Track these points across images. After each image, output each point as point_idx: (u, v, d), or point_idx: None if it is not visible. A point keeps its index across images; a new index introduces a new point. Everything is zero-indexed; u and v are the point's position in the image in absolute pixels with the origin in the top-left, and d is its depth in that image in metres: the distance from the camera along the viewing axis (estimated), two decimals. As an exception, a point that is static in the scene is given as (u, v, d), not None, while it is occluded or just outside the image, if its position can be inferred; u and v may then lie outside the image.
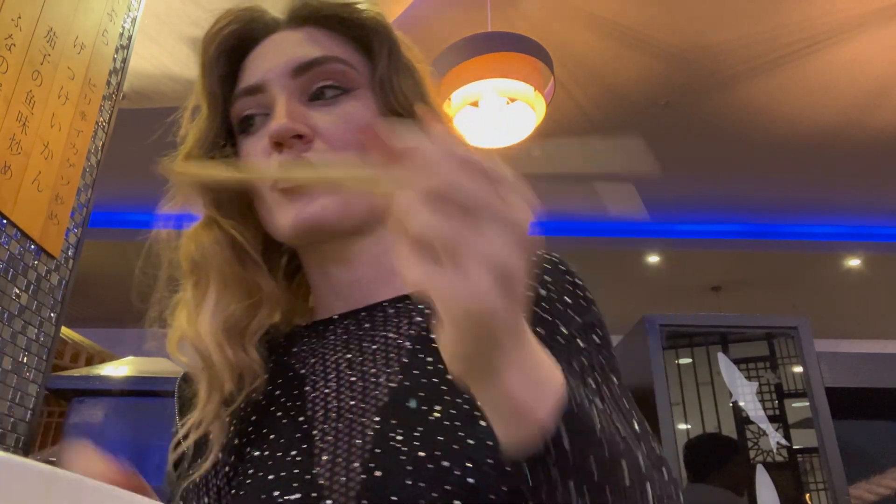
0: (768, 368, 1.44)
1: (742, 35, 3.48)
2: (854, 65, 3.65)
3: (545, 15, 3.38)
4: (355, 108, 0.59)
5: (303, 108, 0.59)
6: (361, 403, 0.53)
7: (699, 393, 1.42)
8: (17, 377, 1.47)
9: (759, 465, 1.36)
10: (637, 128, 4.25)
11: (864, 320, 6.63)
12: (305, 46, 0.60)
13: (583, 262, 3.69)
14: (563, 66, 3.60)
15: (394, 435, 0.49)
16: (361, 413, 0.52)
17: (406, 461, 0.47)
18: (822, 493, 1.32)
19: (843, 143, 4.32)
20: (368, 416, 0.51)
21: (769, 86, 3.84)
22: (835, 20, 3.35)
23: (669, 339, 1.46)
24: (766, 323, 1.47)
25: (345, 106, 0.59)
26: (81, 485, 0.25)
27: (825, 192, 4.97)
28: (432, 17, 3.38)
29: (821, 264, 5.70)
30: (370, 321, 0.59)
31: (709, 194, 5.05)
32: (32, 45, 1.49)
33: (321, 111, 0.59)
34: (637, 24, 3.42)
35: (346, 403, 0.53)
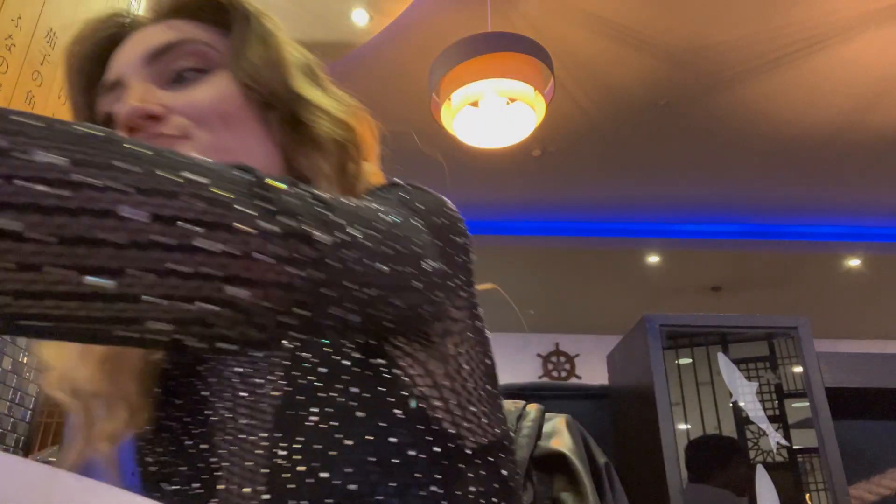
0: (768, 368, 1.44)
1: (742, 35, 3.48)
2: (854, 65, 3.65)
3: (545, 15, 3.38)
4: (214, 86, 0.57)
5: (155, 89, 0.57)
6: (252, 420, 0.51)
7: (699, 393, 1.42)
8: (17, 377, 1.47)
9: (759, 465, 1.36)
10: (637, 128, 4.25)
11: (864, 320, 6.64)
12: (161, 34, 0.59)
13: (583, 262, 3.72)
14: (563, 66, 3.60)
15: (277, 451, 0.48)
16: (251, 431, 0.51)
17: (289, 479, 0.46)
18: (822, 493, 1.32)
19: (843, 143, 4.32)
20: (257, 433, 0.50)
21: (769, 86, 3.84)
22: (835, 20, 3.36)
23: (669, 339, 1.45)
24: (766, 323, 1.47)
25: (203, 85, 0.57)
26: (81, 485, 0.25)
27: (825, 192, 4.97)
28: (432, 17, 3.38)
29: (821, 264, 5.71)
30: None
31: (709, 194, 5.05)
32: (32, 46, 1.49)
33: (180, 92, 0.57)
34: (637, 24, 3.42)
35: (239, 423, 0.52)
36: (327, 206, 0.40)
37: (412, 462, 0.47)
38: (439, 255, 0.50)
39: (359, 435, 0.46)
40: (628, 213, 5.29)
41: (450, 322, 0.52)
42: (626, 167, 4.70)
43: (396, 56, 3.63)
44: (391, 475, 0.46)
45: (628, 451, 1.52)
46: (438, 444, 0.49)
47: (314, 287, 0.37)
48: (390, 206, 0.49)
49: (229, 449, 0.52)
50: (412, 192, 0.54)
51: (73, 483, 0.25)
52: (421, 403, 0.49)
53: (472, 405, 0.52)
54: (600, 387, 1.68)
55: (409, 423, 0.48)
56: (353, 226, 0.40)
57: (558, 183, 4.90)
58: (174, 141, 0.55)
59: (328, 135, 0.59)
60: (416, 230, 0.48)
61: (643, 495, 1.40)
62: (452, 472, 0.49)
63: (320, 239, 0.37)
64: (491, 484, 0.51)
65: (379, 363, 0.49)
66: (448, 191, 0.54)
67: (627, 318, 1.95)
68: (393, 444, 0.47)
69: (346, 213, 0.41)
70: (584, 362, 7.17)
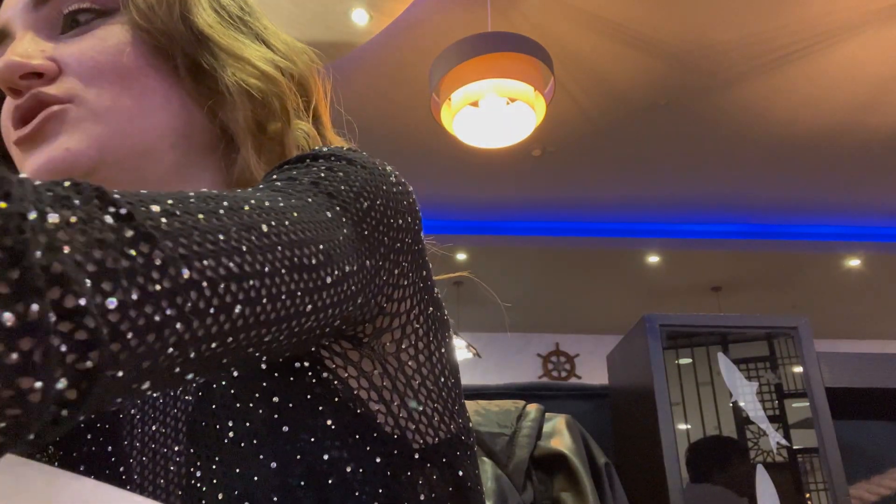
0: (768, 368, 1.44)
1: (742, 35, 3.48)
2: (854, 65, 3.65)
3: (545, 15, 3.38)
4: (111, 31, 0.49)
5: (42, 41, 0.48)
6: (163, 427, 0.45)
7: (699, 393, 1.42)
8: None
9: (759, 465, 1.36)
10: (637, 128, 4.25)
11: (864, 320, 6.63)
12: None
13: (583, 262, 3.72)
14: (563, 66, 3.60)
15: (194, 470, 0.41)
16: (163, 441, 0.45)
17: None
18: (822, 493, 1.32)
19: (843, 143, 4.32)
20: (170, 444, 0.44)
21: (769, 86, 3.84)
22: (835, 20, 3.36)
23: (669, 339, 1.45)
24: (766, 323, 1.47)
25: (99, 30, 0.49)
26: (81, 485, 0.25)
27: (825, 192, 4.97)
28: (432, 17, 3.38)
29: (821, 264, 5.71)
30: None
31: (709, 194, 5.05)
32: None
33: (71, 41, 0.49)
34: (637, 24, 3.42)
35: (150, 429, 0.46)
36: (148, 235, 0.26)
37: (350, 480, 0.41)
38: (363, 251, 0.40)
39: (284, 455, 0.40)
40: (628, 213, 5.29)
41: (385, 319, 0.44)
42: (626, 167, 4.70)
43: (396, 56, 3.63)
44: (325, 499, 0.39)
45: (628, 451, 1.52)
46: (380, 454, 0.42)
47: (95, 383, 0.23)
48: (295, 194, 0.38)
49: (140, 460, 0.45)
50: (335, 168, 0.42)
51: (73, 483, 0.25)
52: (357, 409, 0.42)
53: (420, 404, 0.45)
54: (600, 387, 1.68)
55: (343, 435, 0.41)
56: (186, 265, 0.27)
57: (558, 183, 4.90)
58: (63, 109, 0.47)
59: (236, 86, 0.49)
60: (325, 226, 0.37)
61: (643, 495, 1.40)
62: (398, 482, 0.42)
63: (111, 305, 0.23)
64: (445, 487, 0.45)
65: (304, 366, 0.42)
66: (448, 191, 0.53)
67: (627, 318, 1.95)
68: (325, 462, 0.40)
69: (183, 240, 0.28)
70: (584, 362, 7.17)
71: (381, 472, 0.42)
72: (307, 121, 0.54)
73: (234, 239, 0.30)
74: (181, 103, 0.51)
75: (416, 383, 0.45)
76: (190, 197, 0.31)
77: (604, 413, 1.63)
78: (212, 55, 0.50)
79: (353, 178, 0.42)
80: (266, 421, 0.40)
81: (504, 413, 1.28)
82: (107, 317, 0.23)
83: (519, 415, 1.28)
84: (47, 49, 0.48)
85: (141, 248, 0.25)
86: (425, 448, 0.45)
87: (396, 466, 0.43)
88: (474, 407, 1.28)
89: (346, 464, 0.41)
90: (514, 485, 1.14)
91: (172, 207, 0.29)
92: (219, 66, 0.50)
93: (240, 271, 0.30)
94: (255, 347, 0.33)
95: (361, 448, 0.42)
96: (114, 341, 0.24)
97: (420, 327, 0.46)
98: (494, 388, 1.51)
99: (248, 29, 0.54)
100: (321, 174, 0.41)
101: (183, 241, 0.27)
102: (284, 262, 0.33)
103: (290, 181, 0.40)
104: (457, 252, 5.45)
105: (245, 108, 0.50)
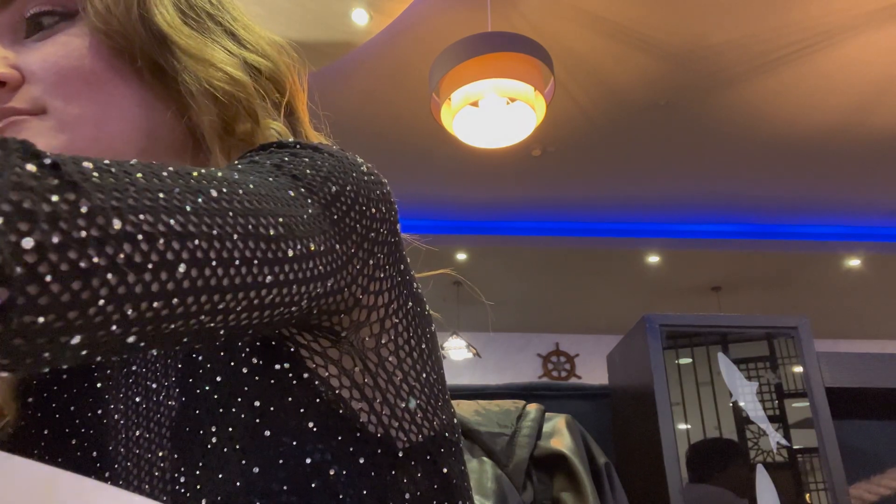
0: (768, 368, 1.44)
1: (742, 35, 3.48)
2: (854, 65, 3.65)
3: (545, 15, 3.38)
4: (72, 35, 0.48)
5: (4, 48, 0.48)
6: (146, 433, 0.45)
7: (699, 393, 1.42)
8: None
9: (759, 465, 1.36)
10: (637, 128, 4.25)
11: (864, 320, 6.64)
12: None
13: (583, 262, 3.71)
14: (563, 66, 3.60)
15: (178, 476, 0.41)
16: (147, 446, 0.44)
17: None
18: (822, 493, 1.32)
19: (843, 143, 4.32)
20: (154, 449, 0.44)
21: (769, 86, 3.84)
22: (835, 20, 3.36)
23: (669, 339, 1.45)
24: (766, 323, 1.47)
25: (61, 35, 0.48)
26: (81, 485, 0.25)
27: (825, 192, 4.97)
28: (432, 17, 3.38)
29: (821, 264, 5.71)
30: None
31: (709, 194, 5.05)
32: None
33: (33, 47, 0.48)
34: (637, 24, 3.42)
35: (133, 434, 0.45)
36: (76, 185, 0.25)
37: (333, 482, 0.40)
38: (333, 234, 0.39)
39: (267, 460, 0.39)
40: (628, 213, 5.29)
41: (362, 312, 0.43)
42: (626, 167, 4.70)
43: (396, 56, 3.63)
44: (309, 503, 0.39)
45: (628, 451, 1.52)
46: (363, 454, 0.42)
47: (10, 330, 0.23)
48: (255, 173, 0.37)
49: (125, 465, 0.45)
50: (300, 154, 0.41)
51: (73, 483, 0.25)
52: (339, 409, 0.42)
53: (403, 400, 0.45)
54: (600, 387, 1.68)
55: (326, 437, 0.41)
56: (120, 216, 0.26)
57: (558, 183, 4.90)
58: (24, 119, 0.46)
59: (200, 88, 0.48)
60: (287, 202, 0.36)
61: (643, 495, 1.40)
62: (383, 482, 0.42)
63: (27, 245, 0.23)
64: (430, 485, 0.45)
65: (284, 367, 0.42)
66: (448, 191, 0.53)
67: (627, 318, 1.95)
68: (308, 466, 0.40)
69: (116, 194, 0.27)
70: (584, 362, 7.17)
71: (366, 472, 0.42)
72: (280, 119, 0.52)
73: (178, 199, 0.29)
74: (147, 106, 0.50)
75: (398, 379, 0.45)
76: (131, 161, 0.30)
77: (604, 413, 1.63)
78: (173, 57, 0.48)
79: (319, 163, 0.41)
80: (248, 425, 0.40)
81: (504, 413, 1.28)
82: (22, 256, 0.23)
83: (519, 415, 1.28)
84: (10, 56, 0.47)
85: (66, 195, 0.25)
86: (409, 447, 0.44)
87: (380, 466, 0.42)
88: (474, 407, 1.28)
89: (330, 466, 0.40)
90: (514, 485, 1.14)
91: (108, 166, 0.28)
92: (180, 69, 0.48)
93: (182, 230, 0.29)
94: (210, 316, 0.31)
95: (345, 449, 0.41)
96: (30, 283, 0.23)
97: (399, 322, 0.45)
98: (494, 388, 1.51)
99: (216, 24, 0.52)
100: (284, 158, 0.40)
101: (116, 195, 0.27)
102: (237, 229, 0.31)
103: (251, 164, 0.39)
104: (457, 252, 5.45)
105: (210, 110, 0.48)
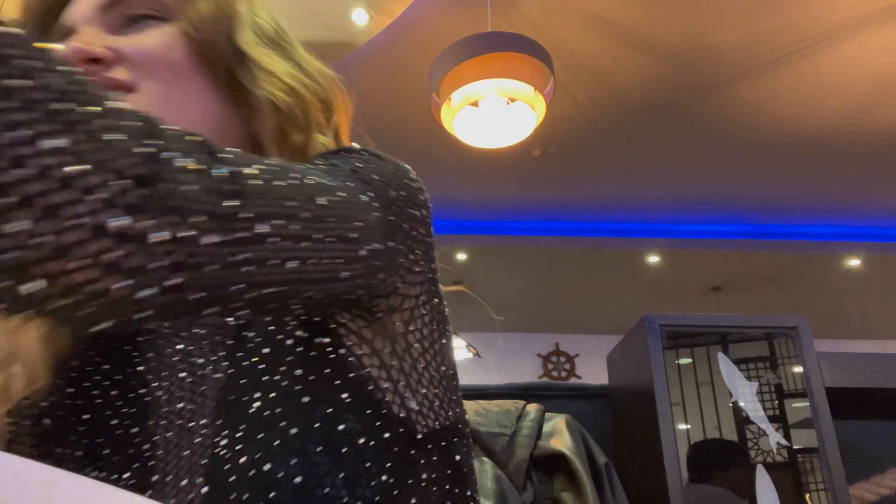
0: (768, 368, 1.44)
1: (742, 35, 3.48)
2: (854, 65, 3.65)
3: (545, 15, 3.38)
4: (163, 33, 0.55)
5: (104, 34, 0.54)
6: (190, 405, 0.49)
7: (699, 393, 1.42)
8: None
9: (759, 465, 1.36)
10: (637, 128, 4.25)
11: (864, 320, 6.64)
12: None
13: (583, 262, 3.71)
14: (563, 66, 3.60)
15: (219, 440, 0.45)
16: (190, 416, 0.48)
17: (230, 471, 0.43)
18: (822, 493, 1.32)
19: (843, 143, 4.32)
20: (196, 419, 0.48)
21: (769, 86, 3.84)
22: (835, 20, 3.36)
23: (669, 339, 1.45)
24: (766, 323, 1.47)
25: (154, 29, 0.55)
26: (81, 485, 0.25)
27: (825, 192, 4.97)
28: (432, 17, 3.38)
29: (821, 264, 5.71)
30: None
31: (709, 194, 5.05)
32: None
33: (130, 35, 0.55)
34: (637, 24, 3.42)
35: (176, 407, 0.49)
36: (241, 192, 0.34)
37: (361, 450, 0.45)
38: (388, 233, 0.46)
39: (304, 422, 0.44)
40: (628, 213, 5.29)
41: (398, 298, 0.49)
42: (626, 167, 4.70)
43: (396, 56, 3.63)
44: (339, 465, 0.43)
45: (628, 451, 1.52)
46: (388, 430, 0.46)
47: (178, 296, 0.32)
48: (339, 177, 0.45)
49: (165, 436, 0.48)
50: (368, 161, 0.50)
51: (73, 483, 0.25)
52: (369, 386, 0.47)
53: (423, 387, 0.49)
54: (600, 387, 1.68)
55: (357, 408, 0.46)
56: (265, 221, 0.35)
57: (558, 183, 4.89)
58: (119, 89, 0.52)
59: (266, 98, 0.55)
60: (362, 208, 0.44)
61: (643, 495, 1.40)
62: (403, 460, 0.46)
63: (207, 241, 0.32)
64: (444, 470, 0.49)
65: (324, 342, 0.47)
66: (448, 191, 0.54)
67: (627, 318, 1.95)
68: (341, 432, 0.44)
69: (265, 200, 0.36)
70: (584, 362, 7.17)
71: (390, 447, 0.46)
72: (328, 135, 0.60)
73: (300, 206, 0.38)
74: (220, 106, 0.57)
75: (420, 367, 0.50)
76: (273, 165, 0.39)
77: (604, 413, 1.63)
78: (247, 70, 0.56)
79: (382, 169, 0.49)
80: (289, 392, 0.45)
81: (504, 413, 1.28)
82: (201, 249, 0.32)
83: (519, 415, 1.28)
84: (107, 40, 0.53)
85: (233, 201, 0.34)
86: (427, 432, 0.49)
87: (403, 444, 0.47)
88: (474, 407, 1.28)
89: (359, 436, 0.45)
90: (514, 485, 1.14)
91: (261, 173, 0.37)
92: (250, 79, 0.56)
93: (299, 234, 0.37)
94: (296, 299, 0.40)
95: (373, 422, 0.46)
96: (198, 269, 0.32)
97: (426, 314, 0.51)
98: (494, 388, 1.51)
99: (282, 50, 0.60)
100: (358, 164, 0.49)
101: (266, 203, 0.36)
102: (332, 233, 0.40)
103: (332, 167, 0.47)
104: (457, 252, 5.44)
105: (272, 118, 0.55)
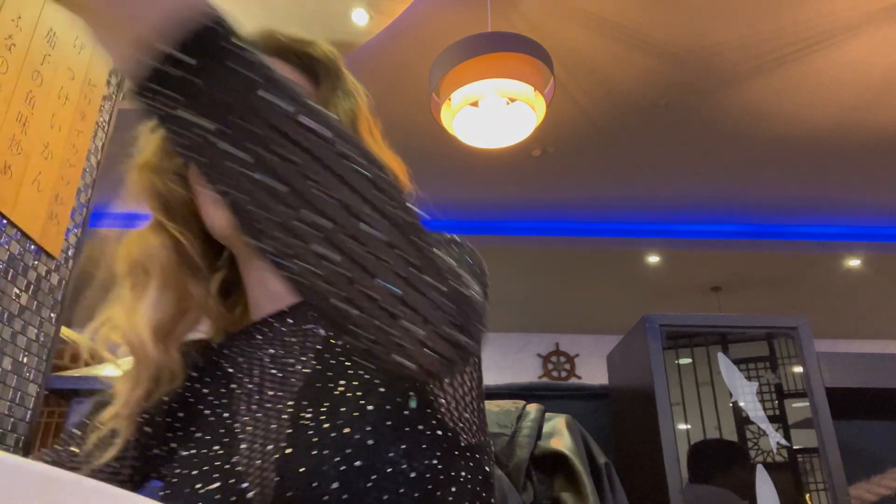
0: (768, 368, 1.44)
1: (742, 35, 3.48)
2: (854, 65, 3.65)
3: (545, 15, 3.38)
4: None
5: None
6: (279, 391, 0.58)
7: (699, 393, 1.42)
8: (17, 377, 1.47)
9: (759, 466, 1.36)
10: (637, 128, 4.25)
11: (864, 320, 6.63)
12: None
13: (583, 262, 3.72)
14: (563, 66, 3.60)
15: (304, 414, 0.54)
16: (278, 400, 0.57)
17: (313, 434, 0.51)
18: (822, 493, 1.32)
19: (844, 143, 4.32)
20: (284, 401, 0.56)
21: (769, 86, 3.84)
22: (835, 20, 3.35)
23: (669, 339, 1.45)
24: (766, 323, 1.47)
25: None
26: (81, 485, 0.25)
27: (825, 192, 4.96)
28: (432, 17, 3.38)
29: (821, 264, 5.70)
30: (293, 317, 0.63)
31: (709, 194, 5.05)
32: (32, 46, 1.49)
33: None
34: (637, 24, 3.42)
35: (267, 394, 0.59)
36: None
37: (420, 434, 0.53)
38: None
39: (379, 403, 0.53)
40: (628, 213, 5.29)
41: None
42: (626, 167, 4.70)
43: (396, 56, 3.63)
44: (403, 439, 0.52)
45: (628, 451, 1.52)
46: (441, 429, 0.55)
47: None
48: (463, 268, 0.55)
49: (254, 416, 0.57)
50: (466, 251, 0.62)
51: (73, 483, 0.25)
52: (430, 396, 0.56)
53: (466, 412, 0.59)
54: (600, 387, 1.68)
55: (420, 405, 0.55)
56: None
57: (558, 183, 4.89)
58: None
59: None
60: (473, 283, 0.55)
61: (643, 495, 1.40)
62: (450, 455, 0.55)
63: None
64: (476, 475, 0.58)
65: None
66: (448, 191, 0.55)
67: (627, 318, 1.95)
68: (406, 416, 0.53)
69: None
70: (584, 362, 7.16)
71: (441, 441, 0.55)
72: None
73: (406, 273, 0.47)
74: None
75: (467, 399, 0.60)
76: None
77: (604, 413, 1.63)
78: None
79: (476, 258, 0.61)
80: (369, 381, 0.55)
81: (504, 413, 1.28)
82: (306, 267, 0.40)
83: (519, 415, 1.28)
84: None
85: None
86: (466, 444, 0.58)
87: (450, 444, 0.55)
88: (474, 407, 1.28)
89: (419, 423, 0.54)
90: (514, 485, 1.14)
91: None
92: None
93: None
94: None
95: (430, 419, 0.55)
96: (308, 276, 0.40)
97: (473, 370, 0.61)
98: (494, 388, 1.51)
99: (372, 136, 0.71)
100: (468, 259, 0.60)
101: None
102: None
103: (460, 263, 0.58)
104: (457, 252, 5.43)
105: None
